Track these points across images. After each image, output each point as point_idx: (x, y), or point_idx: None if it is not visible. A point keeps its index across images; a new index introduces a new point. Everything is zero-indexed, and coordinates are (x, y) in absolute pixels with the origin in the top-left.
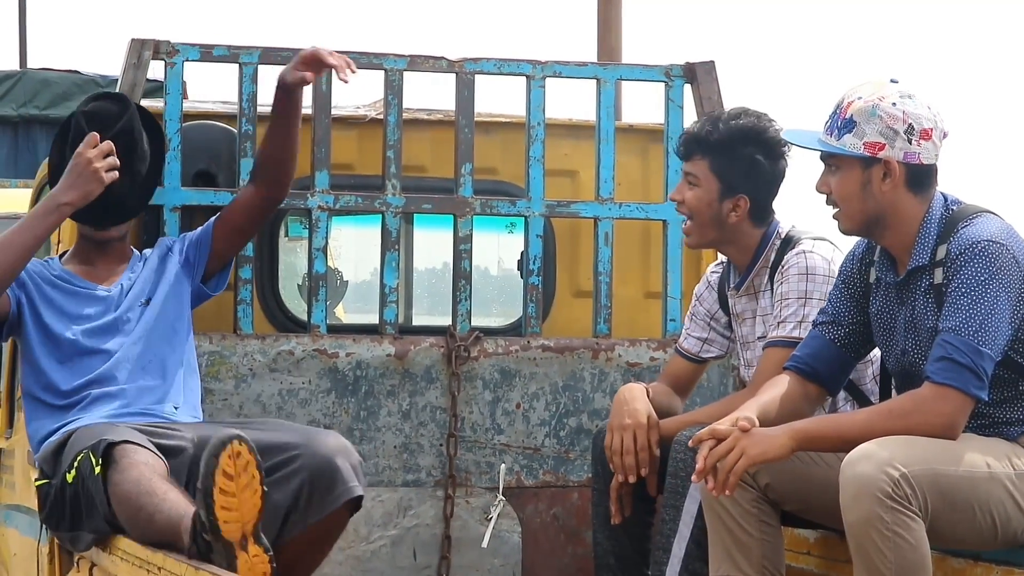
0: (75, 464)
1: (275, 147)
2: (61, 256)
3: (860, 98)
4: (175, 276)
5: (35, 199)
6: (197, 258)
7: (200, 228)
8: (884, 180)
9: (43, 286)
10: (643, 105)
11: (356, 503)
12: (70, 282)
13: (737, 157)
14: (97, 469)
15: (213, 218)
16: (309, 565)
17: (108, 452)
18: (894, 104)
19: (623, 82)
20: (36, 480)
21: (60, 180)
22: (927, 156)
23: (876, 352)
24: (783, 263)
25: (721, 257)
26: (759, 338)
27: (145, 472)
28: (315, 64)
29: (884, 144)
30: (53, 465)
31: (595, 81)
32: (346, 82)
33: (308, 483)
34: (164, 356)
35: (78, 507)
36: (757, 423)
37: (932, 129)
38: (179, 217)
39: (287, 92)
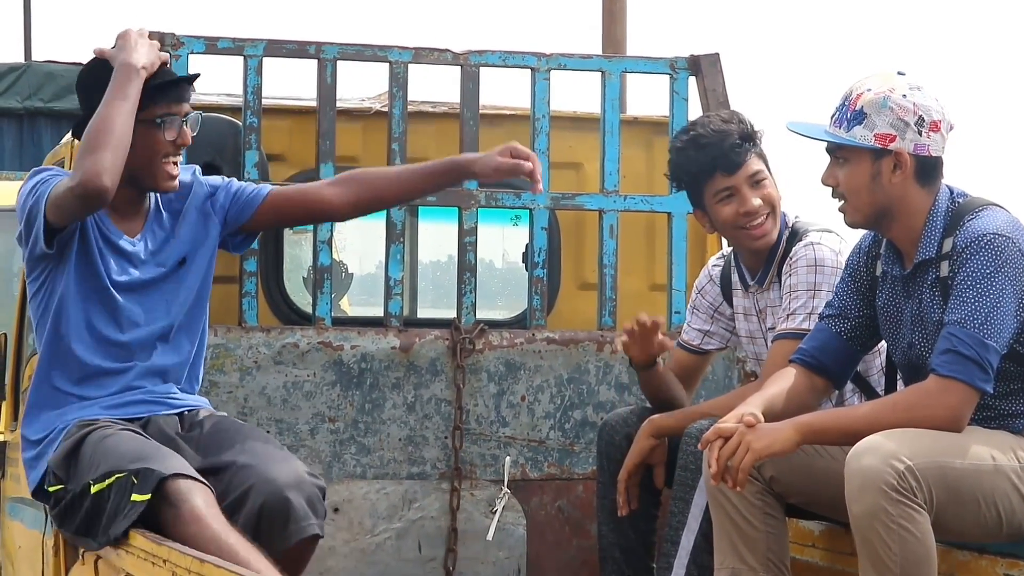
0: (108, 481)
1: (395, 194)
2: None
3: (870, 90)
4: (214, 239)
5: None
6: (234, 220)
7: (249, 189)
8: (894, 172)
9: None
10: (648, 97)
11: (314, 538)
12: (105, 225)
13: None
14: (138, 497)
15: (268, 187)
16: None
17: (160, 486)
18: (904, 96)
19: (628, 74)
20: (50, 486)
21: (116, 53)
22: (936, 148)
23: (883, 344)
24: (791, 255)
25: (726, 249)
26: (769, 329)
27: (205, 519)
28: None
29: (895, 136)
30: (67, 469)
31: (600, 74)
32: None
33: (261, 515)
34: (185, 329)
35: (97, 518)
36: (761, 418)
37: (940, 121)
38: None
39: (462, 175)
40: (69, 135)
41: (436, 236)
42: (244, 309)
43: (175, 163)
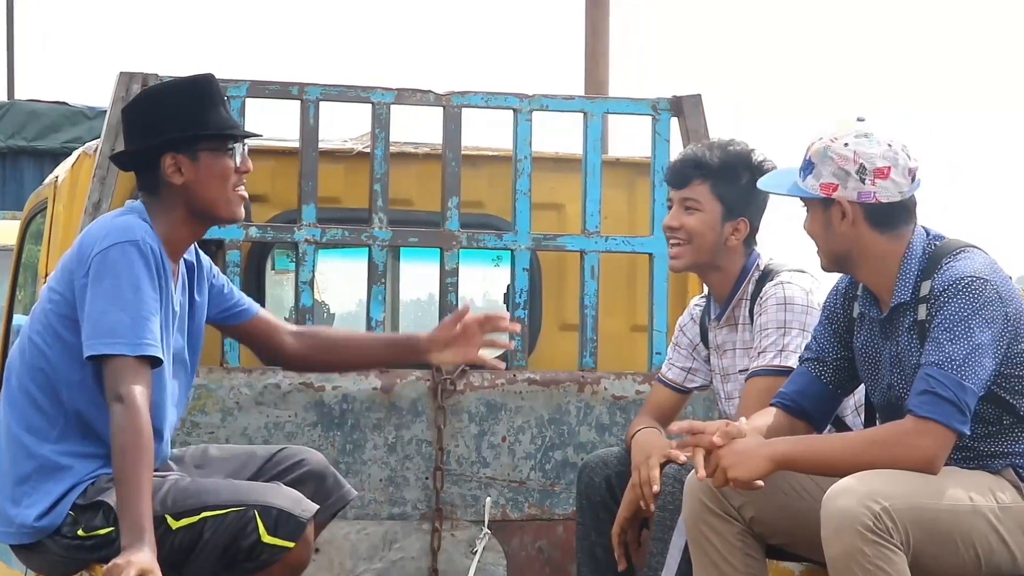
0: (207, 516)
1: (351, 364)
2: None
3: (820, 139)
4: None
5: (24, 229)
6: (213, 315)
7: (243, 301)
8: (843, 220)
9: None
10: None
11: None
12: (165, 264)
13: (738, 181)
14: (271, 539)
15: (256, 309)
16: None
17: (294, 525)
18: (846, 144)
19: (610, 115)
20: (93, 531)
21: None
22: (885, 195)
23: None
24: (762, 295)
25: (707, 289)
26: (740, 371)
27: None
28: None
29: (837, 184)
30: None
31: (582, 114)
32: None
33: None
34: (187, 389)
35: (182, 558)
36: (745, 431)
37: (890, 168)
38: None
39: (420, 355)
40: (53, 174)
41: (418, 276)
42: (226, 350)
43: (243, 189)
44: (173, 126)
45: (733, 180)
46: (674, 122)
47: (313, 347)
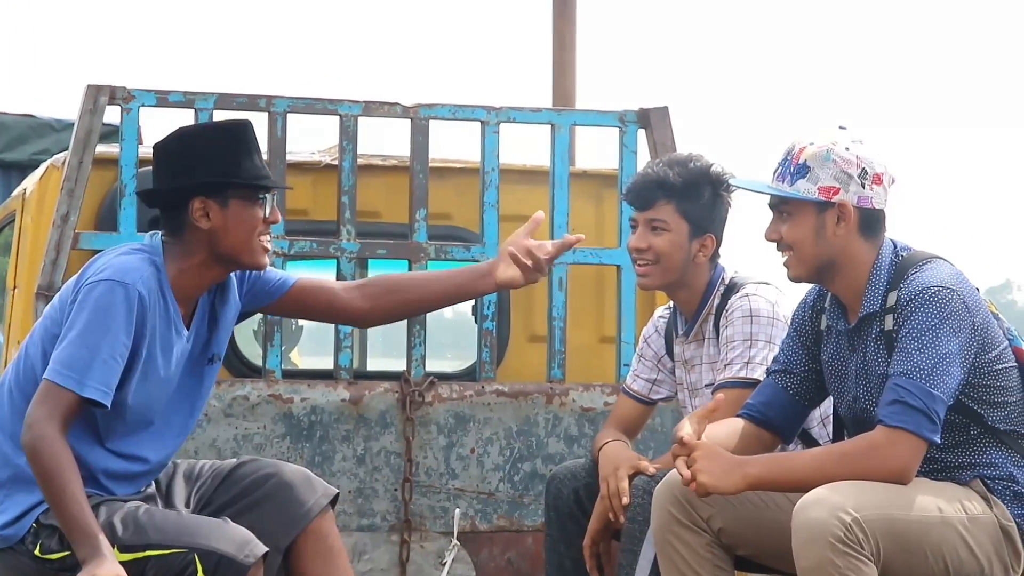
0: (151, 555)
1: (427, 302)
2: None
3: (812, 143)
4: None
5: None
6: (252, 304)
7: (275, 277)
8: (838, 224)
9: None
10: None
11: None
12: (169, 306)
13: (701, 197)
14: None
15: (294, 277)
16: None
17: (236, 570)
18: (847, 148)
19: (577, 127)
20: (48, 553)
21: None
22: (879, 201)
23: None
24: (727, 307)
25: (672, 302)
26: (707, 385)
27: None
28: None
29: (839, 188)
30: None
31: (549, 126)
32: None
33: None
34: (196, 419)
35: None
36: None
37: (883, 174)
38: None
39: (485, 279)
40: (21, 186)
41: None
42: None
43: (269, 239)
44: (206, 170)
45: (696, 197)
46: (641, 134)
47: (377, 295)
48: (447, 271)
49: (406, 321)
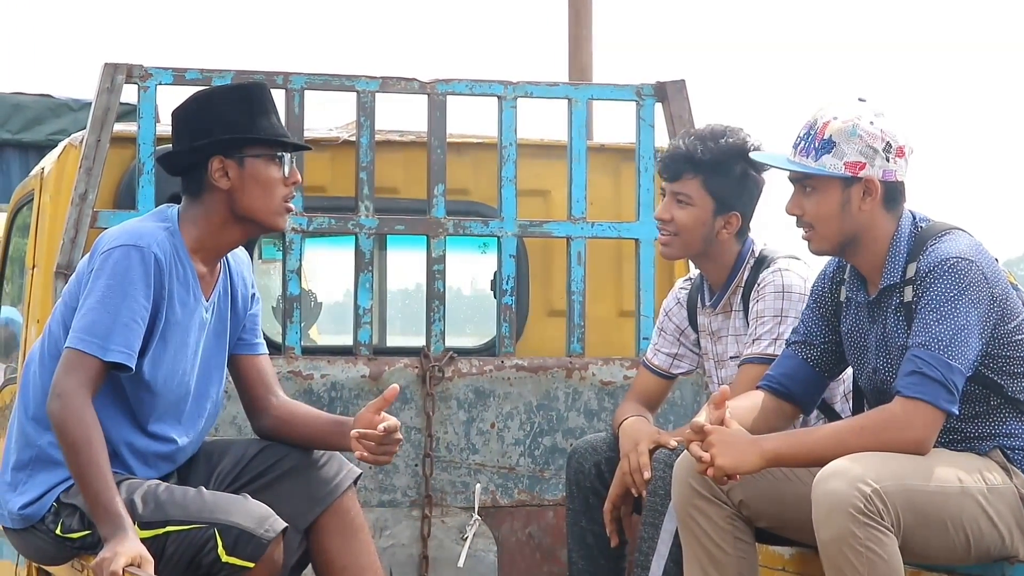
0: (171, 531)
1: (306, 443)
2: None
3: (836, 118)
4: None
5: (10, 222)
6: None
7: (256, 336)
8: (864, 199)
9: (170, 279)
10: (615, 124)
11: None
12: (188, 270)
13: (730, 174)
14: (229, 558)
15: (263, 353)
16: None
17: (255, 546)
18: (872, 123)
19: (594, 102)
20: (69, 532)
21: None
22: (901, 173)
23: (848, 371)
24: (759, 282)
25: (692, 271)
26: (732, 358)
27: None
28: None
29: (865, 163)
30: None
31: (566, 101)
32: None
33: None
34: (219, 385)
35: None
36: (733, 423)
37: (904, 146)
38: None
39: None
40: (39, 166)
41: (405, 264)
42: None
43: (290, 199)
44: (222, 129)
45: (725, 173)
46: (658, 108)
47: (277, 428)
48: (329, 418)
49: (425, 297)
